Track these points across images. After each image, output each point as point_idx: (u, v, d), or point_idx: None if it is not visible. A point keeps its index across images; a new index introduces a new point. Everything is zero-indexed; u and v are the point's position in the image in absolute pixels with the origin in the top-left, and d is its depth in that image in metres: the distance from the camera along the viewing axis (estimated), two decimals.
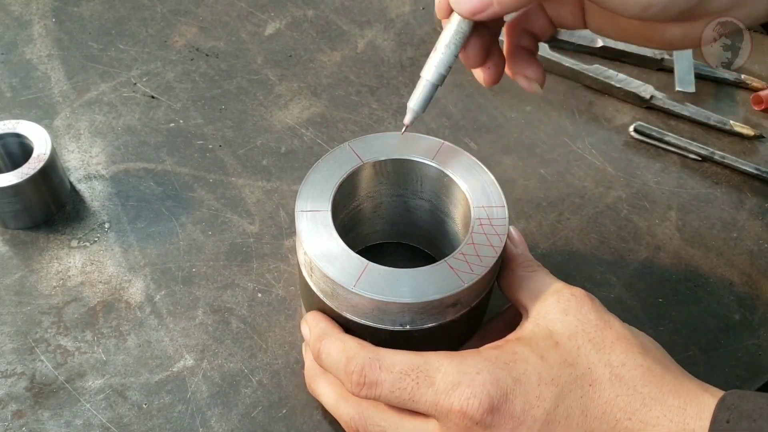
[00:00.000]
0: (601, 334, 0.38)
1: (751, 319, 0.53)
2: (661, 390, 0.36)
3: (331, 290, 0.41)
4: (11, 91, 0.65)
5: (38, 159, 0.53)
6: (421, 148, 0.46)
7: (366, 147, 0.45)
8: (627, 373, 0.36)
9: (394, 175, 0.47)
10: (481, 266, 0.40)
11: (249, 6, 0.75)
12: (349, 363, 0.39)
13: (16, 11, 0.73)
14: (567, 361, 0.37)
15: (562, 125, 0.66)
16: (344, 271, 0.40)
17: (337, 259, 0.40)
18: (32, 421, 0.45)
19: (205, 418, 0.46)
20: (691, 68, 0.69)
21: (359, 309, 0.40)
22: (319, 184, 0.43)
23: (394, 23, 0.74)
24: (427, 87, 0.42)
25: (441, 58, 0.41)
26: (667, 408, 0.35)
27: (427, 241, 0.53)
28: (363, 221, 0.51)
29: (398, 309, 0.39)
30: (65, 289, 0.52)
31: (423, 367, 0.37)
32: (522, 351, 0.38)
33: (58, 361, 0.48)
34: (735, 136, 0.65)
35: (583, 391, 0.36)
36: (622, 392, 0.36)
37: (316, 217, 0.42)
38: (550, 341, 0.38)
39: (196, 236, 0.55)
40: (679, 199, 0.60)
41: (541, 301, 0.40)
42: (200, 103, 0.65)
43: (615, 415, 0.36)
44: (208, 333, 0.50)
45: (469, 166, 0.45)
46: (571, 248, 0.56)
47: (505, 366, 0.37)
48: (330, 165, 0.44)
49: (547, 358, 0.37)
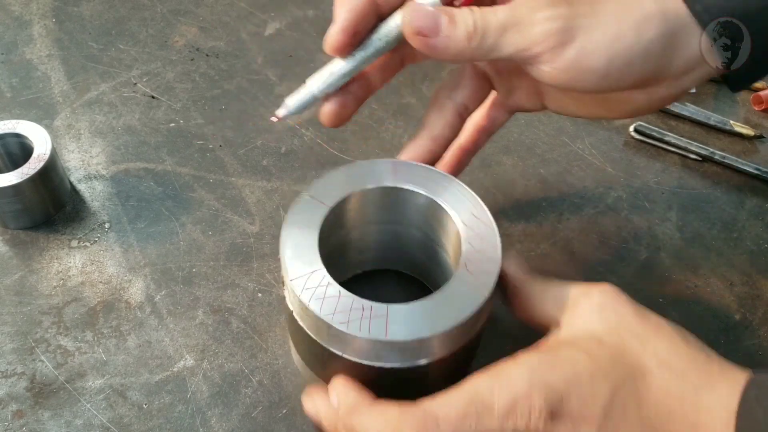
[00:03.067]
0: (641, 326, 0.37)
1: (751, 319, 0.53)
2: (710, 376, 0.36)
3: (333, 335, 0.39)
4: (11, 91, 0.65)
5: (38, 159, 0.53)
6: (373, 172, 0.45)
7: (324, 190, 0.44)
8: (674, 362, 0.36)
9: (376, 206, 0.46)
10: (474, 301, 0.39)
11: (249, 6, 0.75)
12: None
13: (16, 11, 0.73)
14: (614, 356, 0.36)
15: (562, 125, 0.66)
16: (349, 316, 0.38)
17: (341, 306, 0.39)
18: (32, 421, 0.45)
19: (205, 418, 0.46)
20: None
21: (360, 351, 0.39)
22: (301, 245, 0.42)
23: None
24: (308, 93, 0.43)
25: (332, 78, 0.42)
26: (718, 394, 0.35)
27: (417, 267, 0.52)
28: (350, 250, 0.50)
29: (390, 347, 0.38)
30: (65, 289, 0.52)
31: (476, 398, 0.36)
32: (567, 352, 0.37)
33: (58, 361, 0.48)
34: (735, 136, 0.65)
35: (635, 382, 0.36)
36: (673, 380, 0.36)
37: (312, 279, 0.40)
38: (594, 340, 0.37)
39: (196, 236, 0.55)
40: (679, 199, 0.60)
41: (571, 307, 0.39)
42: (200, 103, 0.65)
43: (669, 404, 0.35)
44: (208, 333, 0.50)
45: (433, 178, 0.44)
46: (571, 248, 0.56)
47: (554, 370, 0.36)
48: (300, 218, 0.43)
49: (594, 354, 0.36)
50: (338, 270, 0.49)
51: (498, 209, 0.58)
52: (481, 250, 0.41)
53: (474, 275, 0.40)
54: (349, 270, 0.52)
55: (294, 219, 0.42)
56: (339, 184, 0.44)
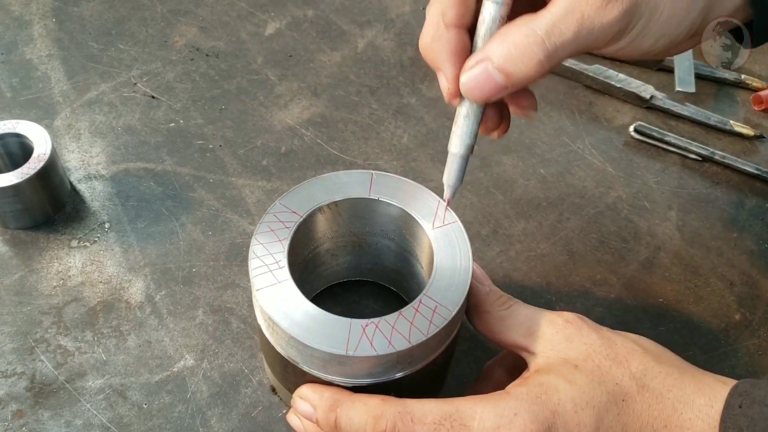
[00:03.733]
0: (612, 350, 0.38)
1: (751, 319, 0.53)
2: (685, 392, 0.36)
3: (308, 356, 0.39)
4: (11, 91, 0.65)
5: (38, 159, 0.53)
6: (348, 183, 0.44)
7: (297, 199, 0.44)
8: (651, 382, 0.37)
9: (345, 217, 0.46)
10: (440, 319, 0.39)
11: (249, 6, 0.75)
12: (377, 422, 0.37)
13: (16, 11, 0.73)
14: (594, 381, 0.37)
15: (562, 125, 0.66)
16: (333, 338, 0.38)
17: (317, 325, 0.38)
18: (32, 421, 0.45)
19: (205, 418, 0.46)
20: (691, 68, 0.69)
21: (354, 372, 0.39)
22: (270, 256, 0.41)
23: (394, 23, 0.74)
24: (456, 160, 0.40)
25: (463, 129, 0.39)
26: (697, 408, 0.35)
27: (391, 278, 0.52)
28: (323, 261, 0.49)
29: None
30: (65, 289, 0.52)
31: (456, 414, 0.36)
32: (548, 380, 0.37)
33: (58, 361, 0.48)
34: (735, 136, 0.65)
35: (618, 407, 0.36)
36: (652, 401, 0.36)
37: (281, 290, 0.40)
38: (570, 366, 0.37)
39: (196, 236, 0.55)
40: (679, 199, 0.60)
41: (539, 337, 0.39)
42: (200, 103, 0.65)
43: (652, 425, 0.36)
44: (208, 333, 0.50)
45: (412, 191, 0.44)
46: (571, 248, 0.56)
47: (538, 400, 0.36)
48: (271, 228, 0.43)
49: (575, 381, 0.36)
50: (311, 281, 0.49)
51: (498, 209, 0.58)
52: (452, 259, 0.41)
53: (445, 288, 0.40)
54: (322, 281, 0.51)
55: (264, 229, 0.42)
56: (312, 195, 0.44)
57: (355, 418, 0.37)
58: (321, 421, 0.39)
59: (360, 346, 0.37)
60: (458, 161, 0.40)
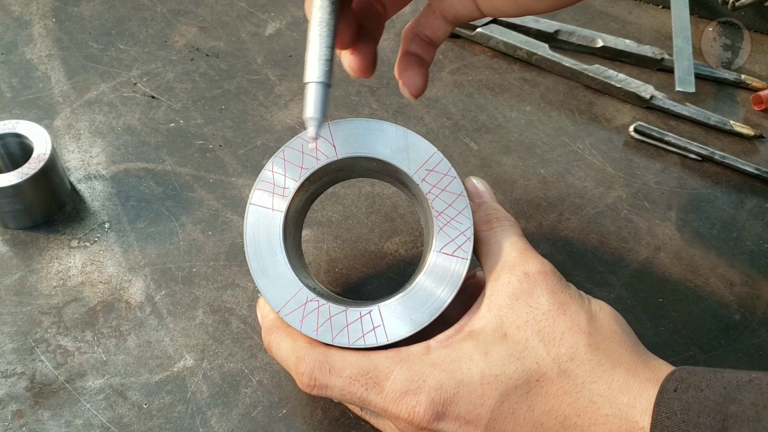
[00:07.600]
0: (551, 324, 0.37)
1: (751, 319, 0.53)
2: (610, 387, 0.35)
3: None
4: (11, 91, 0.65)
5: (38, 159, 0.53)
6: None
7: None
8: (575, 369, 0.36)
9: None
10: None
11: (249, 6, 0.75)
12: (299, 363, 0.39)
13: (16, 11, 0.73)
14: (513, 356, 0.37)
15: (562, 125, 0.66)
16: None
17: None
18: (32, 421, 0.45)
19: (205, 418, 0.46)
20: (691, 68, 0.69)
21: None
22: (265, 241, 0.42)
23: (393, 23, 0.74)
24: (318, 89, 0.39)
25: (316, 51, 0.38)
26: (616, 406, 0.35)
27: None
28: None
29: None
30: (65, 289, 0.52)
31: (372, 372, 0.38)
32: (467, 348, 0.38)
33: (58, 361, 0.48)
34: (735, 136, 0.65)
35: (529, 386, 0.36)
36: (570, 388, 0.36)
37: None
38: (499, 333, 0.38)
39: (196, 236, 0.55)
40: (679, 199, 0.60)
41: (494, 279, 0.39)
42: (200, 103, 0.65)
43: (563, 411, 0.36)
44: (208, 333, 0.50)
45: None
46: (571, 248, 0.56)
47: (449, 368, 0.37)
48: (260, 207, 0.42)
49: (492, 353, 0.37)
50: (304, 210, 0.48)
51: None
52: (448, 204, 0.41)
53: (446, 263, 0.40)
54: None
55: (297, 146, 0.42)
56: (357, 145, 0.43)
57: (283, 350, 0.40)
58: (262, 335, 0.43)
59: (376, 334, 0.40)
60: (319, 90, 0.39)
